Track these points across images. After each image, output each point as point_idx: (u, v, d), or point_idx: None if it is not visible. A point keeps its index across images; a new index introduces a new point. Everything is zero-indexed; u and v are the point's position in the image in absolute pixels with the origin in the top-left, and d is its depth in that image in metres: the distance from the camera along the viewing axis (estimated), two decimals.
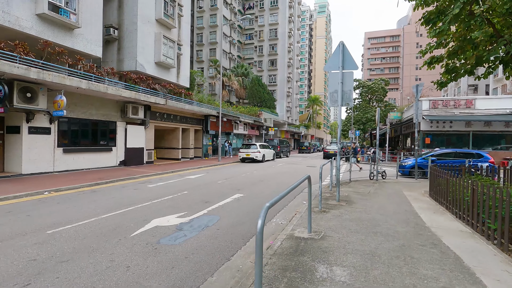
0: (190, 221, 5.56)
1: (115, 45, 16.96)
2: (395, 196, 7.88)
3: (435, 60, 8.45)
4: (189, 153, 21.07)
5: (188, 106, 18.52)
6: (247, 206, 6.94)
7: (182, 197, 7.89)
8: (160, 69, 18.35)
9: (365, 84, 45.58)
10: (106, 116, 14.04)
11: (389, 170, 15.02)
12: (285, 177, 12.67)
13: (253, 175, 13.35)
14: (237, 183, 10.56)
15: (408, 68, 74.10)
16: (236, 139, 28.88)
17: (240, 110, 29.21)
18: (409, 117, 25.99)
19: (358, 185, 9.99)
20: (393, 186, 10.03)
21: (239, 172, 14.50)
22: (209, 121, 22.49)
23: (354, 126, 38.98)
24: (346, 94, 6.95)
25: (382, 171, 12.06)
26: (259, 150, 20.61)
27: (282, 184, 10.67)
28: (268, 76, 50.57)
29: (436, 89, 8.59)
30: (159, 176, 12.34)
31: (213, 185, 10.02)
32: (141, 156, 16.02)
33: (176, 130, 19.82)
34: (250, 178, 12.07)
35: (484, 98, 22.38)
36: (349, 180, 11.07)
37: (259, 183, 10.68)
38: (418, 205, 6.78)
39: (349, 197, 7.72)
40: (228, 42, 46.43)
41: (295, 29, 55.89)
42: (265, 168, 16.62)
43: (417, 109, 11.99)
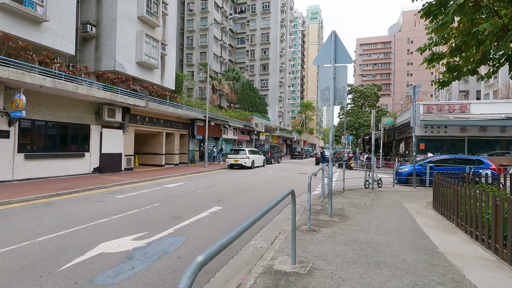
0: (147, 246, 4.45)
1: (92, 43, 15.82)
2: (395, 209, 6.91)
3: (436, 57, 7.59)
4: (173, 159, 19.87)
5: (172, 109, 17.40)
6: (224, 223, 5.85)
7: (149, 211, 6.75)
8: (142, 69, 17.24)
9: (357, 89, 45.25)
10: (78, 119, 12.82)
11: (384, 177, 14.14)
12: (273, 186, 11.62)
13: (239, 183, 12.27)
14: (218, 193, 9.46)
15: (400, 74, 74.56)
16: (225, 144, 27.77)
17: (229, 114, 28.21)
18: (402, 122, 25.39)
19: (352, 195, 9.01)
20: (390, 196, 9.08)
21: (224, 180, 13.39)
22: (195, 125, 21.37)
23: (347, 131, 38.35)
24: (339, 91, 6.00)
25: (378, 179, 11.14)
26: (248, 155, 19.56)
27: (269, 194, 9.62)
28: (260, 80, 49.84)
29: (438, 89, 7.73)
30: (134, 185, 11.15)
31: (190, 196, 8.90)
32: (119, 162, 14.78)
33: (160, 135, 18.63)
34: (235, 187, 10.98)
35: (479, 103, 21.89)
36: (342, 189, 10.09)
37: (243, 193, 9.60)
38: (423, 221, 5.80)
39: (343, 210, 6.71)
40: (219, 46, 45.62)
41: (287, 34, 55.57)
42: (254, 175, 15.56)
43: (414, 112, 11.16)
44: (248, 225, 2.01)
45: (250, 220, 2.15)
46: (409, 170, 12.99)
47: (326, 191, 8.48)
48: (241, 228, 1.90)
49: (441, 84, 7.91)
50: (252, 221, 2.12)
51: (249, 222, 2.07)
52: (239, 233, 1.81)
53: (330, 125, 6.05)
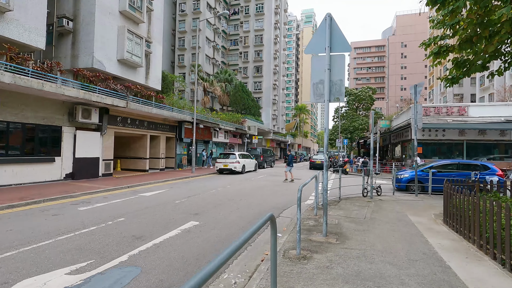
0: (82, 284, 3.33)
1: (69, 39, 14.65)
2: (400, 225, 5.90)
3: (444, 49, 6.69)
4: (159, 163, 18.67)
5: (156, 110, 16.25)
6: (195, 247, 4.76)
7: (109, 228, 5.62)
8: (125, 67, 16.10)
9: (352, 92, 44.66)
10: (48, 120, 11.61)
11: (382, 183, 13.20)
12: (262, 194, 10.54)
13: (225, 191, 11.17)
14: (198, 204, 8.35)
15: (393, 78, 74.56)
16: (216, 148, 26.65)
17: (220, 117, 27.13)
18: (399, 125, 24.63)
19: (350, 205, 7.99)
20: (392, 206, 8.08)
21: (209, 187, 12.28)
22: (183, 127, 20.24)
23: (342, 135, 37.56)
24: (336, 85, 5.00)
25: (377, 186, 10.16)
26: (238, 160, 18.48)
27: (256, 205, 8.55)
28: (253, 83, 48.95)
29: (446, 87, 6.80)
30: (106, 193, 9.97)
31: (166, 207, 7.77)
32: (96, 167, 13.56)
33: (144, 138, 17.45)
34: (219, 196, 9.88)
35: (477, 105, 21.24)
36: (338, 198, 9.07)
37: (227, 203, 8.50)
38: (437, 241, 4.80)
39: (341, 226, 5.67)
40: (211, 47, 44.66)
41: (281, 36, 54.94)
42: (243, 181, 14.47)
43: (416, 114, 10.26)
44: (214, 268, 0.98)
45: (218, 259, 1.13)
46: (409, 176, 12.07)
47: (320, 202, 7.47)
48: (205, 273, 0.88)
49: (449, 81, 7.00)
50: (220, 262, 1.09)
51: (215, 263, 1.04)
52: (203, 279, 0.78)
53: (325, 125, 5.03)
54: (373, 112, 9.81)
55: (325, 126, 5.00)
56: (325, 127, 5.01)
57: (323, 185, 4.99)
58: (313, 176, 6.35)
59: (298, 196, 4.11)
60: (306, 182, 4.60)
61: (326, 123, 4.95)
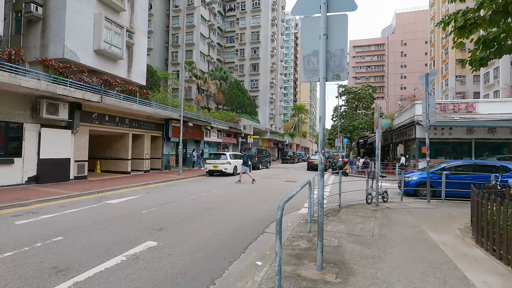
0: None
1: (38, 27, 13.18)
2: (420, 248, 4.46)
3: (472, 22, 5.32)
4: (143, 165, 17.20)
5: (137, 106, 14.78)
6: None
7: (28, 255, 4.17)
8: (102, 59, 14.64)
9: (351, 90, 43.25)
10: (5, 116, 10.14)
11: (385, 185, 11.80)
12: (251, 201, 9.10)
13: (208, 196, 9.72)
14: (170, 214, 6.90)
15: (393, 77, 73.29)
16: (208, 148, 25.19)
17: (213, 115, 25.68)
18: (401, 124, 23.26)
19: (352, 216, 6.56)
20: (404, 217, 6.66)
21: (192, 191, 10.83)
22: (170, 126, 18.78)
23: (341, 134, 36.15)
24: (335, 57, 3.58)
25: (383, 192, 8.75)
26: (229, 161, 17.04)
27: (242, 213, 7.11)
28: (250, 81, 47.51)
29: (471, 71, 5.37)
30: (67, 201, 8.51)
31: (127, 220, 6.32)
32: (66, 169, 12.09)
33: (125, 137, 15.98)
34: (199, 203, 8.43)
35: (486, 102, 19.89)
36: (338, 205, 7.64)
37: (203, 214, 7.05)
38: (480, 277, 3.37)
39: (342, 250, 4.24)
40: (206, 44, 43.23)
41: (278, 33, 53.53)
42: (232, 185, 13.03)
43: (428, 107, 8.83)
44: None
45: None
46: (418, 179, 10.67)
47: (316, 213, 6.05)
48: None
49: (477, 63, 5.60)
50: None
51: None
52: None
53: (320, 113, 3.59)
54: (379, 104, 8.39)
55: (319, 115, 3.56)
56: (319, 116, 3.57)
57: (318, 197, 3.56)
58: (306, 182, 4.93)
59: (277, 218, 2.68)
60: (291, 195, 3.17)
61: (321, 110, 3.52)
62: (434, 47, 52.40)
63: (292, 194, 3.23)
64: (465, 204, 8.72)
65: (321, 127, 3.53)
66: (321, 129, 3.52)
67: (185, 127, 20.35)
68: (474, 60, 5.69)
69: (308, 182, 5.10)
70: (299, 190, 3.82)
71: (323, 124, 3.52)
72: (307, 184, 5.03)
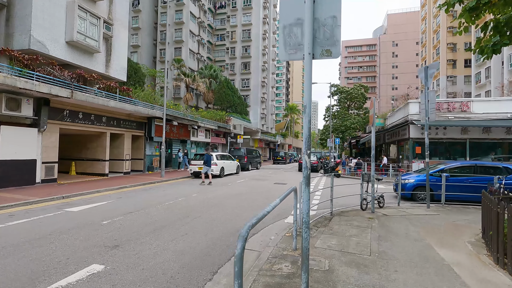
0: None
1: (2, 14, 11.97)
2: (430, 271, 3.61)
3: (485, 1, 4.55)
4: (123, 166, 16.06)
5: (114, 103, 13.66)
6: None
7: None
8: (76, 52, 13.48)
9: (344, 89, 42.79)
10: None
11: (380, 187, 11.03)
12: (236, 206, 8.16)
13: (187, 201, 8.74)
14: (134, 225, 5.91)
15: (385, 77, 73.37)
16: (195, 148, 24.12)
17: (201, 114, 24.64)
18: (394, 123, 22.69)
19: (345, 226, 5.70)
20: (404, 227, 5.83)
21: (170, 196, 9.82)
22: (153, 125, 17.68)
23: (333, 134, 35.51)
24: (326, 27, 2.71)
25: (379, 196, 7.93)
26: (215, 161, 16.04)
27: (221, 222, 6.16)
28: (240, 80, 46.57)
29: (484, 58, 4.59)
30: (22, 208, 7.42)
31: (80, 233, 5.31)
32: (31, 172, 10.91)
33: (102, 136, 14.83)
34: (173, 210, 7.44)
35: (481, 101, 19.41)
36: (330, 213, 6.78)
37: (175, 224, 6.08)
38: None
39: (334, 279, 3.34)
40: (196, 42, 42.10)
41: (270, 32, 52.76)
42: (216, 188, 12.06)
43: (427, 103, 8.06)
44: None
45: None
46: (415, 181, 9.92)
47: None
48: None
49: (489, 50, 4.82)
50: None
51: None
52: None
53: (305, 101, 2.69)
54: (375, 99, 7.56)
55: (305, 103, 2.66)
56: (304, 105, 2.67)
57: (303, 213, 2.65)
58: (289, 190, 4.02)
59: (236, 253, 1.76)
60: (262, 214, 2.26)
61: (306, 96, 2.59)
62: (425, 47, 52.44)
63: (264, 213, 2.32)
64: (467, 210, 8.00)
65: (306, 119, 2.63)
66: (305, 121, 2.62)
67: (170, 126, 19.29)
68: (485, 47, 4.91)
69: (292, 189, 4.20)
70: (277, 203, 2.90)
71: (308, 115, 2.62)
72: (291, 192, 4.13)
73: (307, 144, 2.59)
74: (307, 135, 2.60)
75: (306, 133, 2.59)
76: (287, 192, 3.92)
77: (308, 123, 2.61)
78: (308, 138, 2.60)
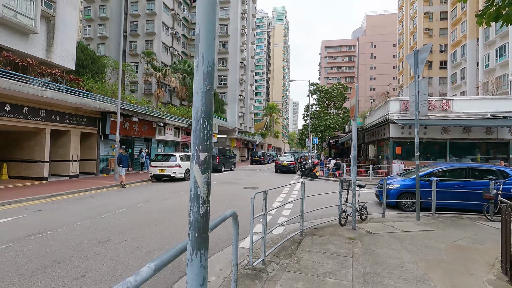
0: None
1: None
2: None
3: None
4: (69, 168, 13.76)
5: (51, 93, 11.35)
6: None
7: None
8: (3, 31, 11.12)
9: (323, 88, 42.02)
10: None
11: (361, 193, 9.69)
12: (175, 225, 6.38)
13: (120, 217, 6.86)
14: (14, 261, 4.01)
15: (363, 78, 74.03)
16: (163, 148, 21.97)
17: (170, 111, 22.54)
18: (373, 123, 21.80)
19: (318, 255, 4.14)
20: (396, 253, 4.36)
21: (107, 207, 7.88)
22: (109, 121, 15.46)
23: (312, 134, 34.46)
24: None
25: (361, 207, 6.48)
26: (179, 163, 14.16)
27: (144, 254, 4.38)
28: (217, 76, 44.56)
29: (501, 25, 3.15)
30: None
31: None
32: None
33: (41, 133, 12.49)
34: (93, 231, 5.56)
35: (462, 99, 18.82)
36: (300, 232, 5.22)
37: (80, 255, 4.23)
38: None
39: None
40: (169, 35, 39.63)
41: (249, 28, 51.09)
42: (174, 194, 10.20)
43: (418, 94, 6.72)
44: None
45: None
46: (400, 186, 8.62)
47: (259, 252, 3.55)
48: None
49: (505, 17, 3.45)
50: None
51: None
52: None
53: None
54: (357, 86, 6.07)
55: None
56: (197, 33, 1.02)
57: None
58: (227, 214, 2.37)
59: None
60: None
61: None
62: (402, 49, 52.96)
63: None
64: (461, 221, 6.76)
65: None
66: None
67: (130, 123, 17.11)
68: (502, 16, 3.61)
69: (227, 215, 2.54)
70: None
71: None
72: (228, 217, 2.48)
73: (202, 120, 0.94)
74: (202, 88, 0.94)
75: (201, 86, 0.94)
76: (218, 219, 2.25)
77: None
78: (205, 103, 0.95)
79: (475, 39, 30.70)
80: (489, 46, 27.35)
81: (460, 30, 33.66)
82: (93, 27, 38.95)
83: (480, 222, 6.64)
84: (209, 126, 1.06)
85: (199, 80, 1.03)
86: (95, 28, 38.82)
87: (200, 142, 1.05)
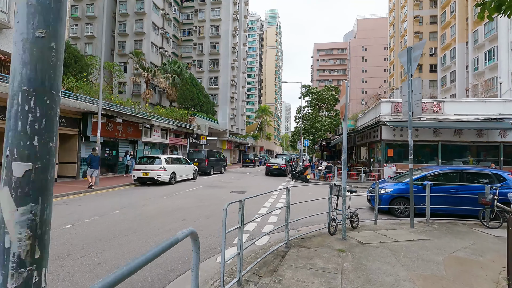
0: None
1: None
2: None
3: None
4: None
5: (4, 87, 10.63)
6: None
7: None
8: None
9: (315, 90, 41.85)
10: None
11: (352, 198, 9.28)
12: (151, 235, 5.82)
13: (86, 227, 6.24)
14: None
15: (355, 81, 74.47)
16: (149, 150, 21.25)
17: (158, 112, 21.84)
18: (365, 125, 21.55)
19: (303, 272, 3.64)
20: (390, 269, 3.90)
21: (79, 214, 7.24)
22: (90, 122, 14.72)
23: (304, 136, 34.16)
24: None
25: (352, 215, 6.03)
26: (164, 166, 13.53)
27: (109, 263, 3.81)
28: (209, 78, 43.97)
29: (509, 16, 2.72)
30: None
31: None
32: None
33: None
34: (53, 243, 4.94)
35: (453, 102, 18.75)
36: (285, 243, 4.71)
37: None
38: None
39: None
40: (159, 35, 38.93)
41: (241, 29, 50.72)
42: (156, 199, 9.59)
43: (411, 94, 6.34)
44: None
45: None
46: (393, 191, 8.23)
47: (233, 273, 3.02)
48: None
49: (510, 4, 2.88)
50: None
51: None
52: None
53: None
54: (347, 83, 5.63)
55: None
56: None
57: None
58: (183, 233, 1.85)
59: None
60: None
61: None
62: (393, 52, 53.39)
63: None
64: (457, 228, 6.39)
65: None
66: None
67: (114, 124, 16.40)
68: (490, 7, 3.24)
69: (187, 233, 2.01)
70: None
71: None
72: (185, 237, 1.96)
73: None
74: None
75: None
76: (167, 242, 1.72)
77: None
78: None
79: (464, 42, 30.99)
80: (478, 49, 27.57)
81: (449, 34, 33.98)
82: (80, 26, 37.94)
83: (477, 229, 6.27)
84: (40, 107, 0.56)
85: (22, 16, 0.53)
86: (82, 27, 37.82)
87: (15, 142, 0.56)
